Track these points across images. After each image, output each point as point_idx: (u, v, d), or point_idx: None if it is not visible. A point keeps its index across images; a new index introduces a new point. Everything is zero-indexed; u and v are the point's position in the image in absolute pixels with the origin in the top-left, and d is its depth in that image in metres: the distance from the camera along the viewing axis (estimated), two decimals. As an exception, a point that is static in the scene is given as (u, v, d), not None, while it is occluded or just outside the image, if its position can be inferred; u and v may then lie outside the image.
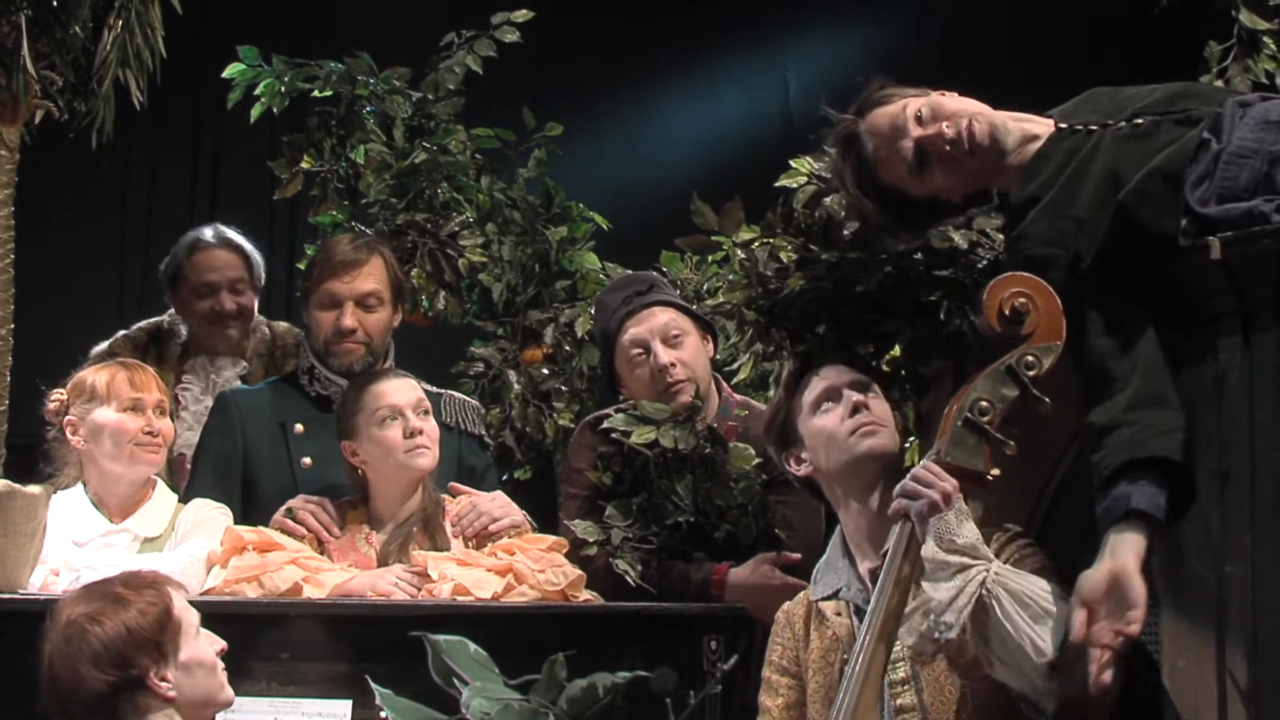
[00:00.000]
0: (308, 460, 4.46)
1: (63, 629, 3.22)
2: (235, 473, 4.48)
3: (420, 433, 4.21)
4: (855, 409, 3.57)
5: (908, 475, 3.27)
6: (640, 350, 4.35)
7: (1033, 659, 3.11)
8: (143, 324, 5.54)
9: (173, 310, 5.47)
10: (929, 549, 3.16)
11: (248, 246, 5.48)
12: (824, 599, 3.55)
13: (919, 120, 3.58)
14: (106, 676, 3.17)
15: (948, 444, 3.26)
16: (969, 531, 3.17)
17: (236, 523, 4.27)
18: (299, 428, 4.49)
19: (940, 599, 3.13)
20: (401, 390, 4.27)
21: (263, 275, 5.51)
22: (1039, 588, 3.16)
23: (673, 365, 4.30)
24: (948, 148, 3.55)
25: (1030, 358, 3.27)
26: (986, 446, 3.25)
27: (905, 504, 3.23)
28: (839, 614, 3.52)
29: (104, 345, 5.42)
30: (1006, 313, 3.28)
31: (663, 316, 4.37)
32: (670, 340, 4.33)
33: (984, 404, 3.26)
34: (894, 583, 3.23)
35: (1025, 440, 3.29)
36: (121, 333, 5.49)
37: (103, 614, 3.21)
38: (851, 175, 3.69)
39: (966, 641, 3.17)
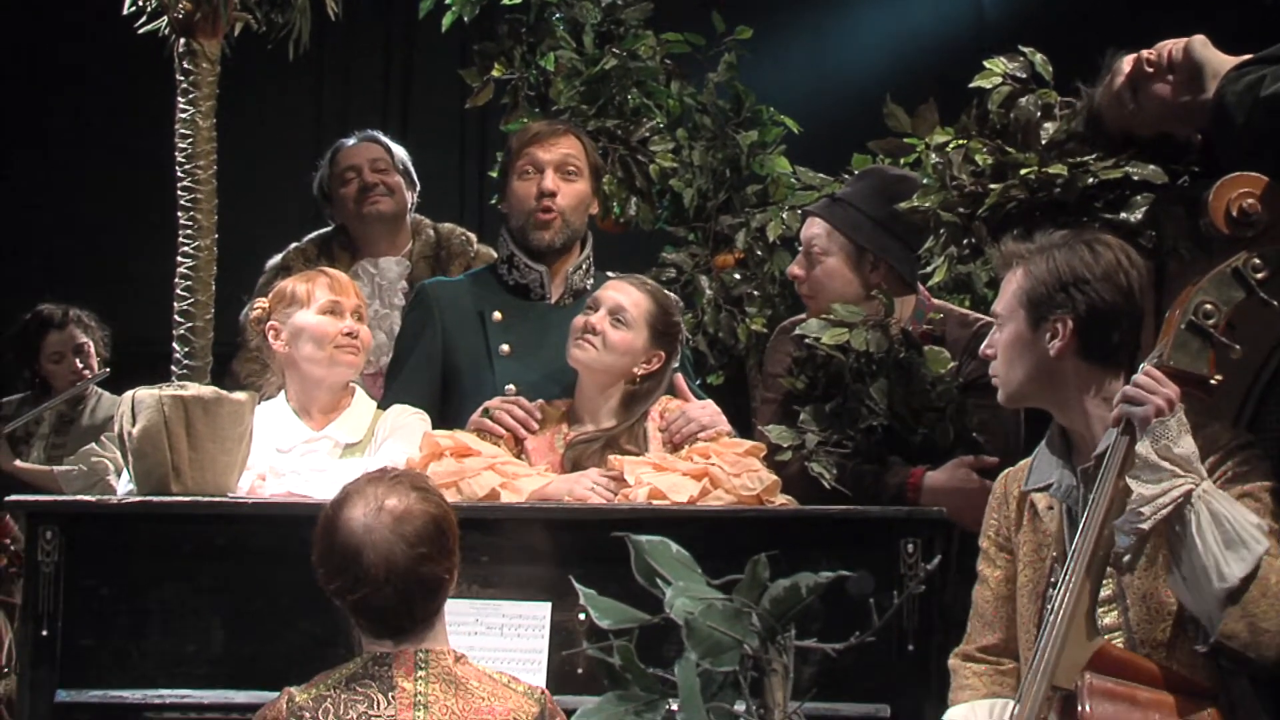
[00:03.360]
0: (505, 348, 4.47)
1: (395, 521, 3.12)
2: (435, 367, 4.52)
3: (591, 329, 4.20)
4: None
5: (1129, 381, 3.22)
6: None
7: (1213, 583, 3.07)
8: (312, 235, 5.66)
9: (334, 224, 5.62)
10: (1143, 447, 3.12)
11: (385, 139, 5.67)
12: (1036, 490, 3.48)
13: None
14: (446, 567, 3.18)
15: (1170, 348, 3.21)
16: (1186, 444, 3.12)
17: (436, 413, 4.35)
18: (497, 315, 4.50)
19: (1143, 493, 3.10)
20: (610, 287, 4.29)
21: (410, 169, 5.63)
22: (1243, 517, 3.10)
23: (797, 278, 4.47)
24: (1148, 69, 3.59)
25: (1258, 260, 3.20)
26: (1211, 351, 3.20)
27: (1126, 410, 3.18)
28: (1050, 508, 3.45)
29: (277, 258, 5.55)
30: (1234, 214, 3.21)
31: (811, 229, 4.47)
32: (810, 252, 4.45)
33: (1209, 307, 3.20)
34: (1108, 499, 3.18)
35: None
36: (294, 245, 5.61)
37: (436, 507, 3.19)
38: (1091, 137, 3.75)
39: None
